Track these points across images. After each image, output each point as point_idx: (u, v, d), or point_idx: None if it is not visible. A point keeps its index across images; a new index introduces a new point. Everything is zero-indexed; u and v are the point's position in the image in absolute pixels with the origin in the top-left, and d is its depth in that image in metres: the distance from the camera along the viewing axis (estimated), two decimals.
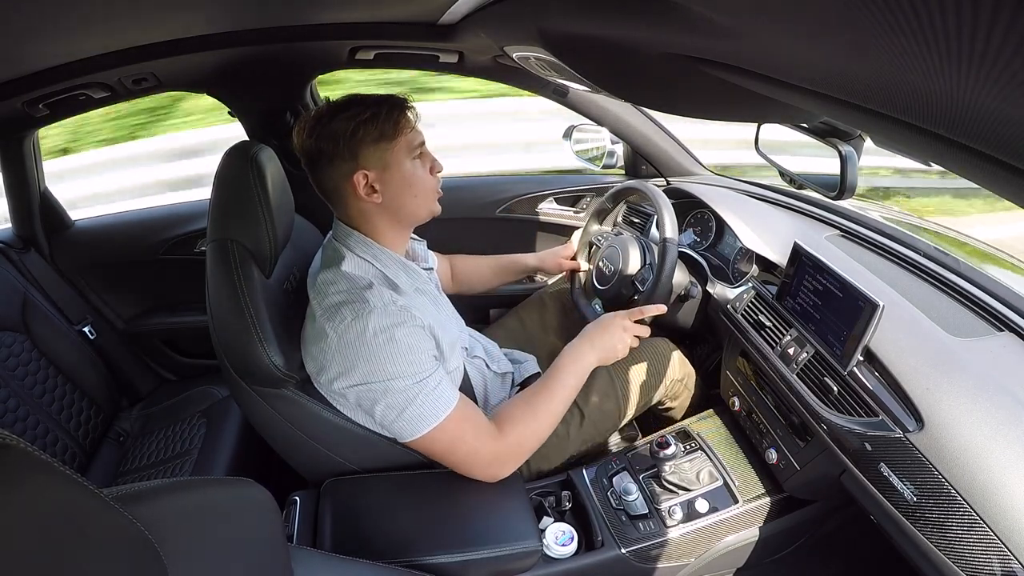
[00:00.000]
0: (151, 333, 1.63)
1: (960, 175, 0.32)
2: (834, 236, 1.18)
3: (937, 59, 0.22)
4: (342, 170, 0.89)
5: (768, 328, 1.06)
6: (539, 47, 0.75)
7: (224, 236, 0.91)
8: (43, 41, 0.92)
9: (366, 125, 0.87)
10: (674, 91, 0.66)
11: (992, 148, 0.26)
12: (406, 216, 0.95)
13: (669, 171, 1.59)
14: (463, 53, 1.28)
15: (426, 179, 0.94)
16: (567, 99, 1.47)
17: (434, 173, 0.96)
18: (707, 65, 0.46)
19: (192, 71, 1.25)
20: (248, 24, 1.13)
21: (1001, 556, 0.67)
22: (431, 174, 0.95)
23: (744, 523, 1.03)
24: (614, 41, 0.55)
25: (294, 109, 1.43)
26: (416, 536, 0.89)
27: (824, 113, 0.54)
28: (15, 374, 1.28)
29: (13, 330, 1.32)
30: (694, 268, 1.25)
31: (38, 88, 1.14)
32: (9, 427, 1.21)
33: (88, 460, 1.36)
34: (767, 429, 1.06)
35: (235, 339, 0.88)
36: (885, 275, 1.00)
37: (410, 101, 0.92)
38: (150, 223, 1.58)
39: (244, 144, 0.95)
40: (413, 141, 0.91)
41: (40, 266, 1.48)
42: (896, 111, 0.30)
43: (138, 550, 0.38)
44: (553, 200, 1.68)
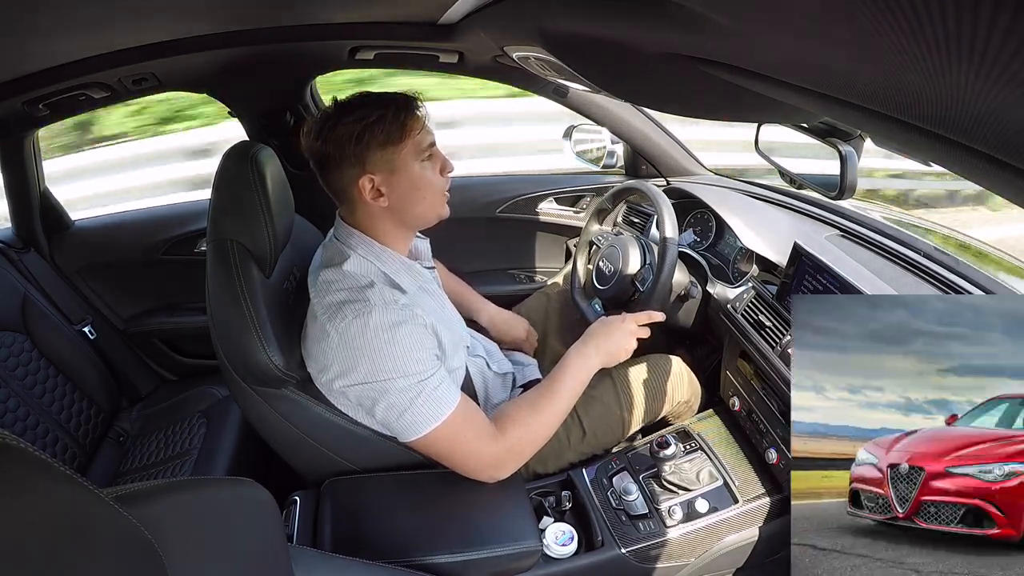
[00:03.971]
0: (151, 333, 1.63)
1: (960, 175, 0.32)
2: (834, 236, 1.18)
3: (937, 59, 0.22)
4: (349, 174, 0.88)
5: (768, 328, 1.06)
6: (539, 47, 0.75)
7: (224, 236, 0.91)
8: (43, 41, 0.92)
9: (372, 128, 0.85)
10: (674, 91, 0.66)
11: (992, 148, 0.26)
12: (412, 219, 0.94)
13: (669, 171, 1.59)
14: (463, 53, 1.28)
15: (435, 181, 0.92)
16: (567, 99, 1.47)
17: (444, 174, 0.94)
18: (707, 65, 0.46)
19: (192, 71, 1.25)
20: (248, 24, 1.13)
21: None
22: (441, 175, 0.93)
23: (744, 523, 1.03)
24: (614, 41, 0.55)
25: (294, 109, 1.43)
26: (416, 536, 0.89)
27: (824, 113, 0.54)
28: (15, 374, 1.28)
29: (13, 330, 1.32)
30: (694, 268, 1.25)
31: (38, 88, 1.14)
32: (9, 427, 1.21)
33: (88, 460, 1.35)
34: (767, 429, 1.06)
35: (235, 339, 0.88)
36: (885, 275, 1.00)
37: (420, 100, 0.90)
38: (150, 223, 1.58)
39: (244, 144, 0.95)
40: (422, 143, 0.89)
41: (40, 266, 1.48)
42: (896, 111, 0.30)
43: (138, 550, 0.38)
44: (553, 200, 1.68)
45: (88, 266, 1.56)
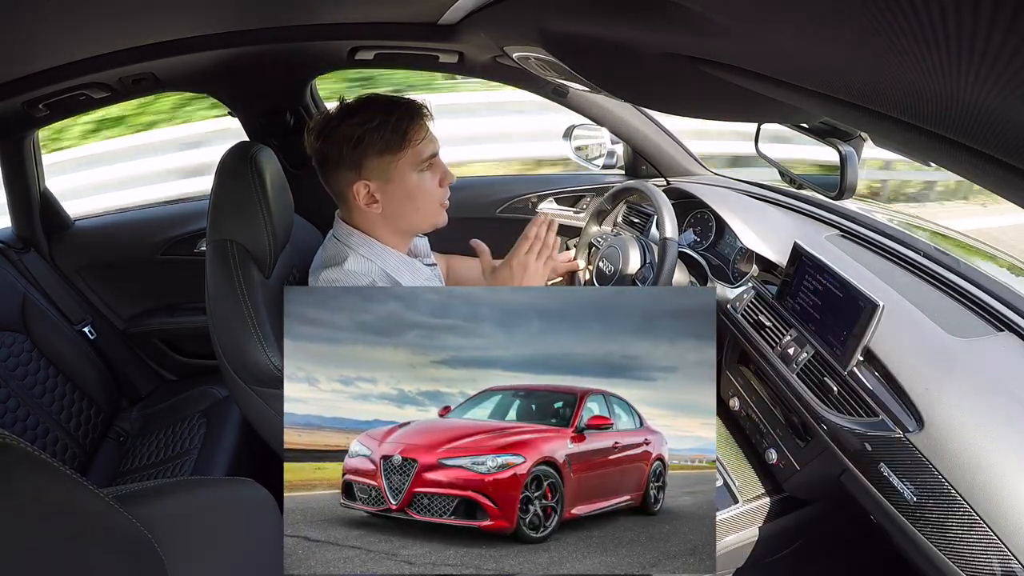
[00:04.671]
0: (151, 333, 1.63)
1: (960, 175, 0.32)
2: (834, 236, 1.18)
3: (937, 59, 0.22)
4: (346, 177, 0.88)
5: (768, 328, 1.06)
6: (539, 47, 0.75)
7: (224, 236, 0.91)
8: (43, 41, 0.92)
9: (372, 134, 0.85)
10: (674, 91, 0.66)
11: (992, 148, 0.26)
12: (406, 227, 0.94)
13: (669, 171, 1.59)
14: (463, 53, 1.28)
15: (432, 192, 0.91)
16: (567, 99, 1.47)
17: (443, 185, 0.93)
18: (707, 65, 0.46)
19: (192, 71, 1.25)
20: (248, 24, 1.13)
21: (1001, 556, 0.67)
22: (440, 186, 0.93)
23: (744, 523, 1.03)
24: (614, 41, 0.55)
25: (294, 109, 1.43)
26: None
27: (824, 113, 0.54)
28: (15, 374, 1.28)
29: (13, 330, 1.32)
30: (694, 268, 1.25)
31: (38, 88, 1.14)
32: (9, 427, 1.21)
33: (88, 460, 1.36)
34: (767, 429, 1.06)
35: (235, 339, 0.88)
36: (885, 275, 1.00)
37: (427, 109, 0.89)
38: (150, 223, 1.58)
39: (244, 144, 0.95)
40: (423, 152, 0.88)
41: (40, 266, 1.48)
42: (896, 111, 0.30)
43: (138, 550, 0.38)
44: (553, 200, 1.68)
45: (88, 266, 1.56)
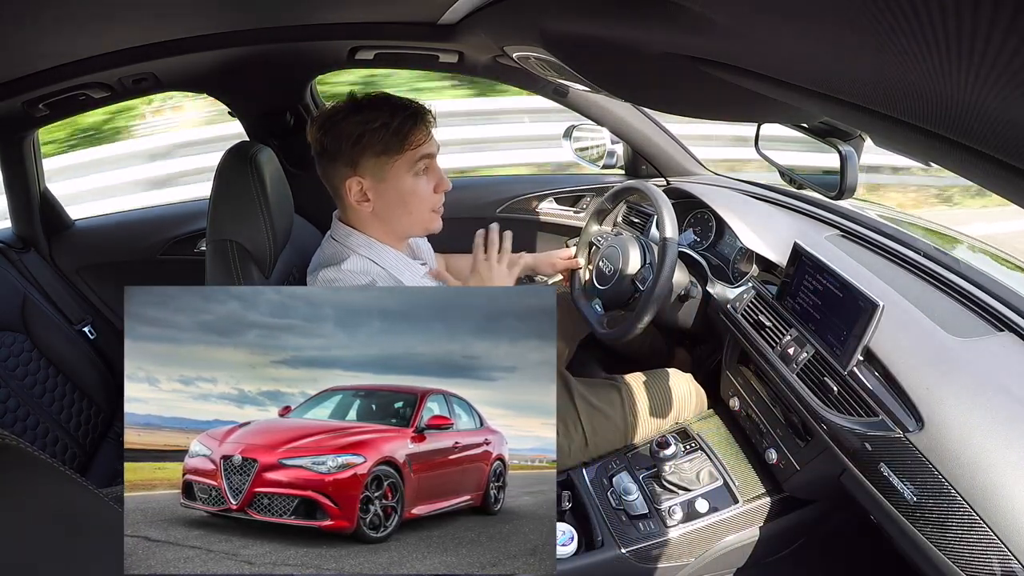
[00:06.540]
0: None
1: (960, 175, 0.32)
2: (834, 236, 1.18)
3: (937, 59, 0.22)
4: (341, 172, 0.89)
5: (768, 328, 1.06)
6: (539, 47, 0.75)
7: (223, 236, 0.91)
8: (43, 41, 0.92)
9: (372, 134, 0.85)
10: (674, 91, 0.66)
11: (992, 148, 0.26)
12: (399, 228, 0.95)
13: (669, 171, 1.59)
14: (463, 53, 1.28)
15: (425, 197, 0.92)
16: (567, 99, 1.47)
17: (438, 191, 0.93)
18: (707, 65, 0.46)
19: (192, 71, 1.25)
20: (248, 24, 1.13)
21: (1001, 556, 0.67)
22: (434, 192, 0.93)
23: (744, 523, 1.03)
24: (614, 41, 0.55)
25: (294, 109, 1.43)
26: None
27: (824, 113, 0.54)
28: (15, 374, 1.28)
29: (13, 330, 1.32)
30: (694, 268, 1.25)
31: (38, 88, 1.14)
32: (9, 427, 1.21)
33: (88, 460, 1.36)
34: (767, 429, 1.06)
35: None
36: (885, 275, 1.00)
37: (431, 114, 0.89)
38: (150, 223, 1.58)
39: (243, 144, 0.95)
40: (419, 155, 0.89)
41: (40, 266, 1.48)
42: (896, 111, 0.30)
43: None
44: (553, 200, 1.68)
45: (88, 266, 1.55)
